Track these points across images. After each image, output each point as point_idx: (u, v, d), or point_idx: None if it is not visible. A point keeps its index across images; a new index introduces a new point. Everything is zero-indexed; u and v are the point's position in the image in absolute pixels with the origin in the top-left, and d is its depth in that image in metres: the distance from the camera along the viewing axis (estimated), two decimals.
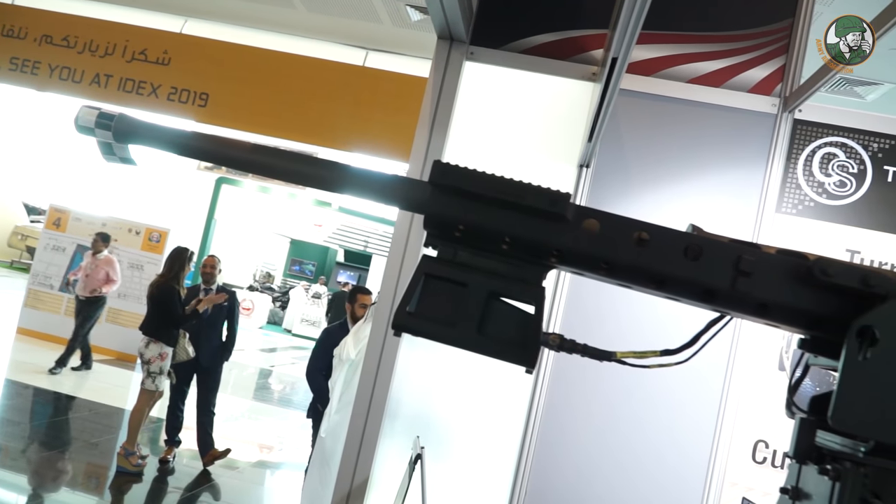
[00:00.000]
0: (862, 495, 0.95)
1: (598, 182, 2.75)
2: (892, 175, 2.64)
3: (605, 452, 2.69)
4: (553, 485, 2.69)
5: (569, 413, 2.72)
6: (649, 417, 2.68)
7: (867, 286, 0.95)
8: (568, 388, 2.72)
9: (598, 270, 1.06)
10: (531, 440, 2.70)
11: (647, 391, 2.69)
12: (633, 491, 2.66)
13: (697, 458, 2.63)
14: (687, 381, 2.66)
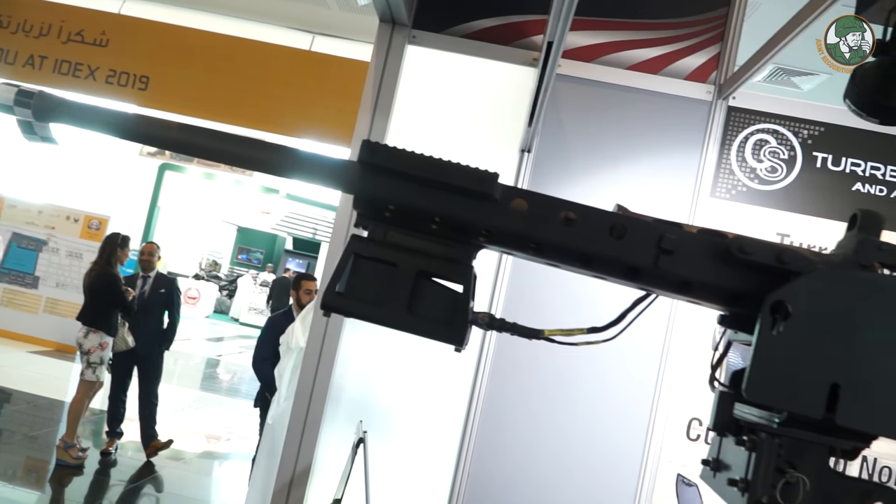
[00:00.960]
0: (777, 465, 0.98)
1: (540, 167, 2.78)
2: (821, 161, 2.74)
3: (546, 434, 2.73)
4: (495, 467, 2.72)
5: (511, 396, 2.75)
6: (588, 398, 2.73)
7: (781, 263, 0.98)
8: (510, 371, 2.75)
9: (526, 250, 1.07)
10: (473, 422, 2.73)
11: (586, 373, 2.74)
12: (572, 471, 2.71)
13: (634, 437, 2.69)
14: (625, 361, 2.72)
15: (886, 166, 2.71)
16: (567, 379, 2.76)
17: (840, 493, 1.00)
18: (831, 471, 1.01)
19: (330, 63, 6.20)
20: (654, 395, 2.68)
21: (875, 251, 1.04)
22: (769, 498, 0.97)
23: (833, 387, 0.92)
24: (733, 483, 1.02)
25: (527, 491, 2.73)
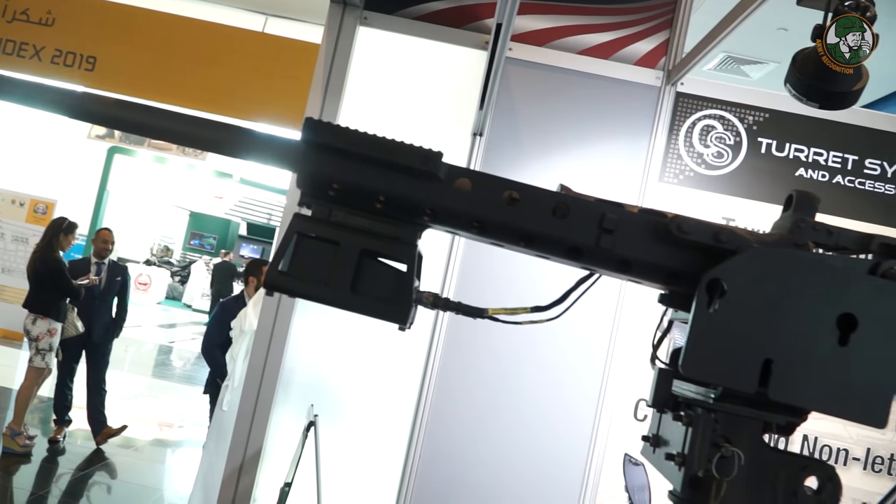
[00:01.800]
0: (712, 439, 1.01)
1: (492, 150, 2.79)
2: (766, 147, 2.80)
3: (496, 415, 2.76)
4: (447, 447, 2.74)
5: (464, 377, 2.77)
6: (541, 379, 2.76)
7: (718, 242, 1.00)
8: (463, 352, 2.77)
9: (470, 229, 1.08)
10: (425, 404, 2.74)
11: (539, 353, 2.77)
12: (524, 450, 2.74)
13: (584, 416, 2.74)
14: (576, 341, 2.76)
15: (829, 152, 2.78)
16: (520, 359, 2.78)
17: (775, 468, 1.03)
18: (766, 445, 1.04)
19: (282, 45, 6.10)
20: (602, 375, 2.73)
21: (809, 231, 1.07)
22: (705, 472, 0.99)
23: (766, 362, 0.95)
24: (670, 458, 1.04)
25: (479, 470, 2.75)
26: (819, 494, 1.03)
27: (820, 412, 0.99)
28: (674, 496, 1.07)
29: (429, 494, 2.73)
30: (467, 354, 2.77)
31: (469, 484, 2.75)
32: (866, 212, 2.74)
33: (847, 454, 2.71)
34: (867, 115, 2.83)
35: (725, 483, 0.99)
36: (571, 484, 2.74)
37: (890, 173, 2.77)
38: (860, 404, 0.95)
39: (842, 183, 2.78)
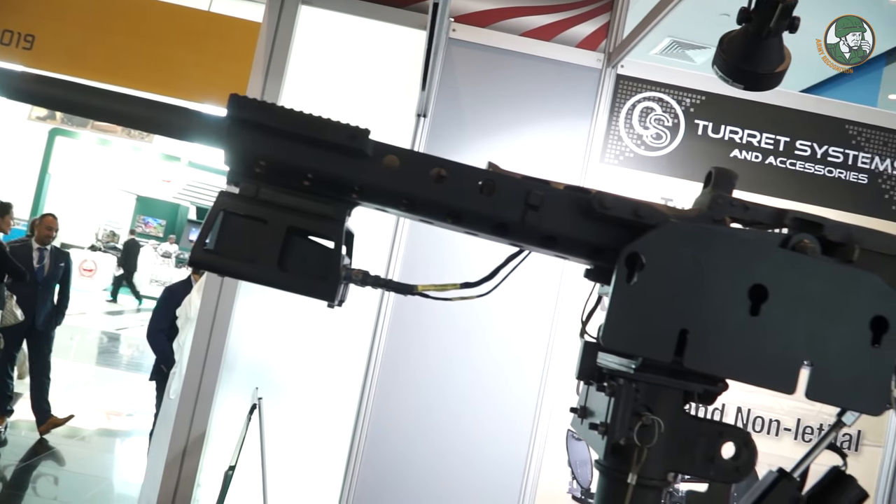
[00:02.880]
0: (634, 408, 1.04)
1: (436, 131, 2.79)
2: (702, 128, 2.87)
3: (442, 395, 2.79)
4: (392, 427, 2.76)
5: (408, 358, 2.78)
6: (484, 360, 2.80)
7: (638, 217, 1.03)
8: (407, 334, 2.78)
9: (398, 206, 1.08)
10: (371, 385, 2.75)
11: (481, 335, 2.80)
12: (468, 429, 2.78)
13: (527, 395, 2.78)
14: (518, 322, 2.80)
15: (762, 134, 2.86)
16: (465, 339, 2.81)
17: (694, 434, 1.07)
18: (686, 414, 1.08)
19: (226, 23, 5.97)
20: (545, 354, 2.77)
21: (727, 206, 1.11)
22: (627, 440, 1.02)
23: (682, 333, 0.98)
24: (594, 427, 1.08)
25: (425, 450, 2.78)
26: (736, 460, 1.07)
27: (733, 379, 1.03)
28: (599, 464, 1.11)
29: (375, 475, 2.75)
30: (413, 335, 2.79)
31: (415, 463, 2.78)
32: (797, 192, 2.83)
33: (779, 425, 2.82)
34: (798, 98, 2.92)
35: (646, 450, 1.03)
36: (516, 460, 2.79)
37: (819, 154, 2.87)
38: (771, 372, 0.99)
39: (774, 164, 2.87)
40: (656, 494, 1.08)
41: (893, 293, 1.01)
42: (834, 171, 2.87)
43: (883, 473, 2.82)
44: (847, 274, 1.01)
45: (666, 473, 1.08)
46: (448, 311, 2.74)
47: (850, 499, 1.15)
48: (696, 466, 1.06)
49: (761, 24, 1.26)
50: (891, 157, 2.88)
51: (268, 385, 2.85)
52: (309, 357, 2.93)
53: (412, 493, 2.78)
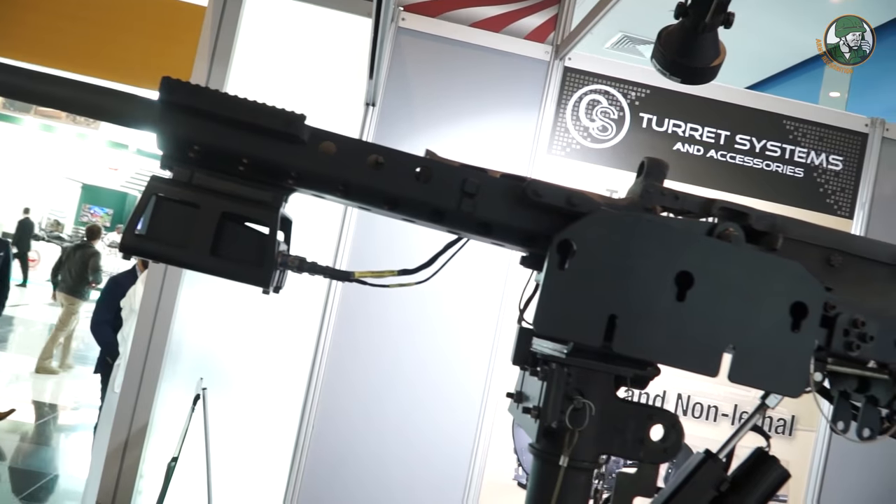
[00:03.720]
0: (566, 392, 1.06)
1: (385, 120, 2.78)
2: (647, 121, 2.92)
3: (390, 385, 2.79)
4: (339, 418, 2.75)
5: (355, 349, 2.78)
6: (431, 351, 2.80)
7: (571, 205, 1.05)
8: (354, 324, 2.77)
9: (335, 192, 1.09)
10: (318, 373, 2.74)
11: (429, 326, 2.81)
12: (415, 420, 2.79)
13: (474, 385, 2.81)
14: (465, 313, 2.81)
15: (703, 127, 2.93)
16: (413, 330, 2.81)
17: (624, 417, 1.10)
18: (617, 397, 1.11)
19: (170, 7, 5.83)
20: (493, 343, 2.80)
21: (658, 196, 1.14)
22: (558, 423, 1.05)
23: (611, 318, 1.01)
24: (527, 411, 1.10)
25: (372, 440, 2.78)
26: (664, 441, 1.10)
27: (659, 363, 1.07)
28: (532, 448, 1.13)
29: (322, 465, 2.74)
30: (361, 325, 2.78)
31: (362, 454, 2.78)
32: (737, 185, 2.91)
33: (717, 410, 2.90)
34: (738, 94, 2.99)
35: (577, 433, 1.05)
36: (462, 449, 2.81)
37: (758, 148, 2.95)
38: (695, 355, 1.02)
39: (715, 157, 2.94)
40: (588, 476, 1.11)
41: (813, 280, 1.05)
42: (772, 165, 2.96)
43: (815, 457, 2.93)
44: (769, 261, 1.05)
45: (597, 456, 1.11)
46: (397, 300, 2.74)
47: (773, 478, 1.20)
48: (626, 448, 1.10)
49: (697, 19, 1.29)
50: (826, 152, 2.98)
51: (213, 375, 2.81)
52: (255, 347, 2.91)
53: (359, 484, 2.78)
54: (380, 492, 2.80)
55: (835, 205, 2.99)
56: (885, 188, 2.99)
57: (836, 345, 1.08)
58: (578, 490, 1.09)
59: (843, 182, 2.98)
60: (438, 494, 2.81)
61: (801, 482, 2.93)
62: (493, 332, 2.78)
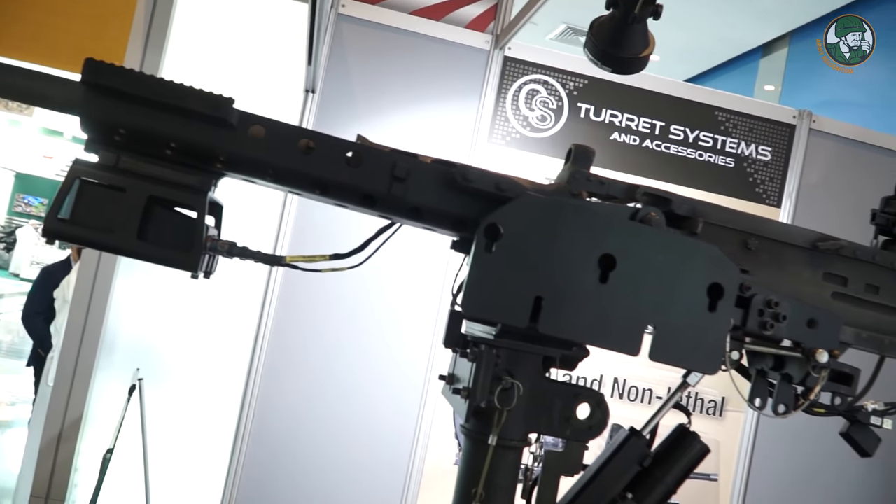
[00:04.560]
0: (495, 373, 1.09)
1: (325, 108, 2.77)
2: (585, 111, 2.97)
3: (332, 372, 2.79)
4: (281, 406, 2.74)
5: (297, 337, 2.76)
6: (374, 338, 2.81)
7: (499, 190, 1.08)
8: (296, 313, 2.76)
9: (265, 177, 1.08)
10: (258, 363, 2.72)
11: (371, 313, 2.81)
12: (357, 406, 2.79)
13: (415, 371, 2.83)
14: (407, 300, 2.82)
15: (639, 118, 3.00)
16: (356, 315, 2.81)
17: (552, 397, 1.13)
18: (545, 377, 1.14)
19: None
20: (433, 329, 2.81)
21: (584, 181, 1.17)
22: (487, 403, 1.07)
23: (537, 300, 1.03)
24: (457, 392, 1.12)
25: (315, 429, 2.77)
26: (590, 419, 1.14)
27: (584, 343, 1.10)
28: (463, 428, 1.15)
29: (263, 454, 2.73)
30: (302, 314, 2.77)
31: (304, 442, 2.77)
32: (671, 174, 2.98)
33: (651, 393, 2.99)
34: (673, 85, 3.07)
35: (506, 412, 1.08)
36: (404, 435, 2.83)
37: (692, 139, 3.04)
38: (618, 336, 1.06)
39: (651, 147, 3.01)
40: (516, 454, 1.14)
41: (729, 263, 1.10)
42: (704, 155, 3.05)
43: (744, 436, 3.04)
44: (687, 244, 1.09)
45: (525, 434, 1.14)
46: (338, 287, 2.74)
47: (693, 453, 1.25)
48: (553, 427, 1.13)
49: (627, 10, 1.33)
50: (756, 143, 3.08)
51: (150, 366, 2.77)
52: (194, 336, 2.87)
53: (301, 472, 2.78)
54: (322, 479, 2.80)
55: (763, 194, 3.09)
56: (811, 177, 3.11)
57: (751, 324, 1.13)
58: (508, 468, 1.12)
59: (772, 172, 3.09)
60: (381, 480, 2.82)
61: (731, 461, 3.04)
62: (435, 317, 2.80)
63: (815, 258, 1.23)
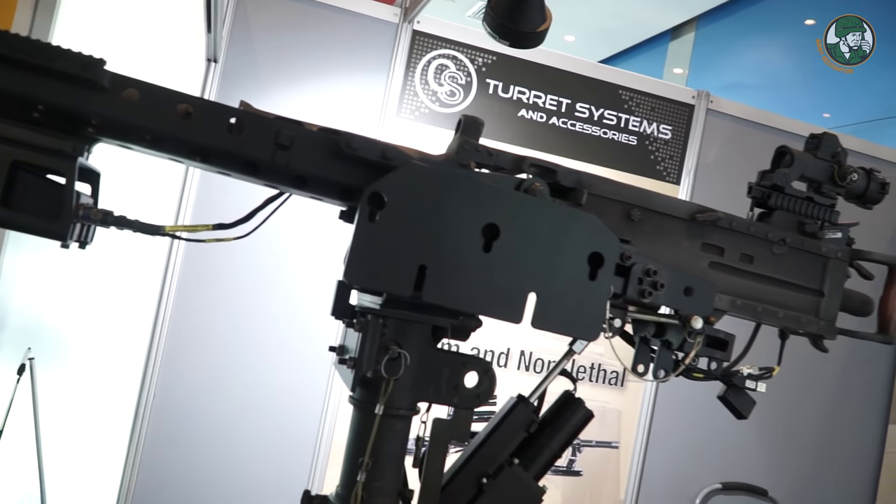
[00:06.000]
0: (382, 343, 1.09)
1: (229, 78, 2.69)
2: (493, 88, 2.99)
3: (240, 347, 2.73)
4: (184, 384, 2.68)
5: (202, 312, 2.70)
6: (281, 310, 2.76)
7: (385, 159, 1.07)
8: (200, 286, 2.69)
9: (141, 143, 1.04)
10: (160, 339, 2.64)
11: (280, 285, 2.76)
12: (264, 381, 2.76)
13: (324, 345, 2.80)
14: (317, 272, 2.79)
15: (546, 95, 3.04)
16: (265, 287, 2.75)
17: (440, 366, 1.14)
18: (433, 347, 1.14)
19: None
20: None
21: (472, 152, 1.18)
22: (374, 372, 1.07)
23: (421, 268, 1.04)
24: (344, 362, 1.12)
25: (222, 404, 2.72)
26: (478, 387, 1.16)
27: (468, 311, 1.11)
28: (351, 398, 1.15)
29: (163, 432, 2.66)
30: (206, 287, 2.70)
31: (212, 416, 2.71)
32: (576, 151, 3.05)
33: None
34: (579, 63, 3.12)
35: (393, 382, 1.08)
36: (313, 410, 2.81)
37: (596, 117, 3.11)
38: (501, 304, 1.07)
39: (557, 124, 3.06)
40: (404, 423, 1.15)
41: (609, 232, 1.13)
42: (608, 133, 3.12)
43: (643, 405, 3.17)
44: (569, 214, 1.12)
45: (414, 403, 1.15)
46: (244, 259, 2.68)
47: (577, 418, 1.29)
48: (441, 395, 1.14)
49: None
50: (657, 122, 3.18)
51: (43, 344, 2.63)
52: (91, 313, 2.75)
53: (209, 448, 2.72)
54: (230, 454, 2.76)
55: (664, 171, 3.20)
56: (708, 156, 3.23)
57: (631, 292, 1.17)
58: (395, 436, 1.13)
59: (672, 150, 3.20)
60: (289, 453, 2.80)
61: (631, 428, 3.16)
62: None
63: (693, 229, 1.28)
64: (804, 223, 1.34)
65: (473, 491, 1.22)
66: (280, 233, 2.71)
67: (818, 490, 3.54)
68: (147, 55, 2.68)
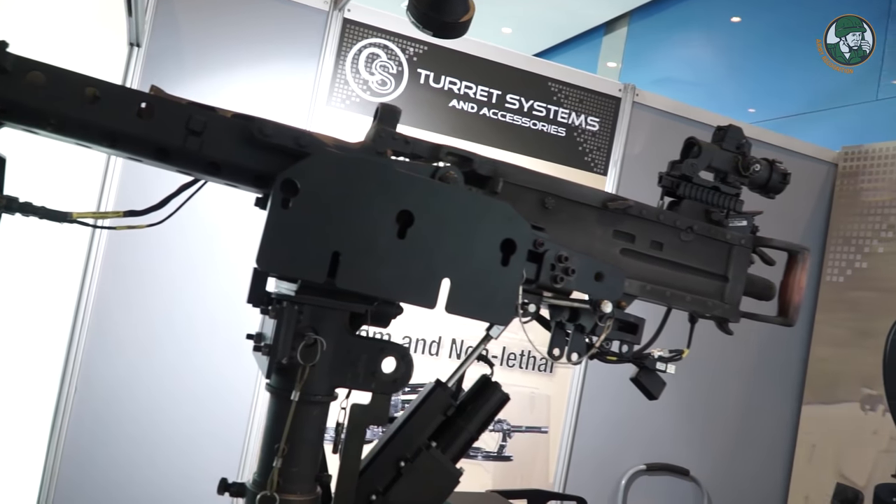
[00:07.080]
0: (297, 329, 1.09)
1: (152, 64, 2.62)
2: (424, 78, 3.00)
3: (167, 336, 2.68)
4: (109, 372, 2.61)
5: (125, 303, 2.64)
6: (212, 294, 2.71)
7: (299, 146, 1.07)
8: (123, 276, 2.62)
9: (47, 127, 1.02)
10: (80, 333, 2.57)
11: (213, 268, 2.71)
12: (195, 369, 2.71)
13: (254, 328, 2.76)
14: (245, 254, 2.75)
15: (477, 86, 3.06)
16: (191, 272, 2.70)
17: (357, 352, 1.15)
18: (350, 334, 1.15)
19: None
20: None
21: (389, 140, 1.19)
22: (289, 359, 1.08)
23: (335, 255, 1.05)
24: (259, 349, 1.12)
25: (151, 390, 2.66)
26: (395, 373, 1.17)
27: (383, 298, 1.12)
28: (268, 385, 1.16)
29: (87, 427, 2.59)
30: (130, 277, 2.64)
31: (142, 401, 2.65)
32: (507, 142, 3.09)
33: (487, 352, 3.09)
34: (510, 55, 3.15)
35: (309, 368, 1.09)
36: (244, 395, 2.78)
37: (526, 108, 3.15)
38: (415, 289, 1.09)
39: (487, 115, 3.09)
40: (322, 409, 1.16)
41: (521, 220, 1.16)
42: (538, 124, 3.17)
43: (572, 390, 3.24)
44: (482, 202, 1.14)
45: (331, 389, 1.15)
46: (171, 247, 2.63)
47: (493, 401, 1.32)
48: (358, 380, 1.15)
49: None
50: (585, 114, 3.25)
51: None
52: (6, 305, 2.66)
53: (134, 442, 2.67)
54: (156, 448, 2.71)
55: (592, 162, 3.27)
56: (634, 148, 3.32)
57: (543, 278, 1.20)
58: (312, 422, 1.13)
59: (599, 141, 3.27)
60: (220, 444, 2.77)
61: (560, 413, 3.23)
62: None
63: (606, 217, 1.32)
64: (711, 211, 1.40)
65: (392, 474, 1.24)
66: (202, 221, 2.66)
67: (737, 469, 3.69)
68: (61, 39, 2.60)
